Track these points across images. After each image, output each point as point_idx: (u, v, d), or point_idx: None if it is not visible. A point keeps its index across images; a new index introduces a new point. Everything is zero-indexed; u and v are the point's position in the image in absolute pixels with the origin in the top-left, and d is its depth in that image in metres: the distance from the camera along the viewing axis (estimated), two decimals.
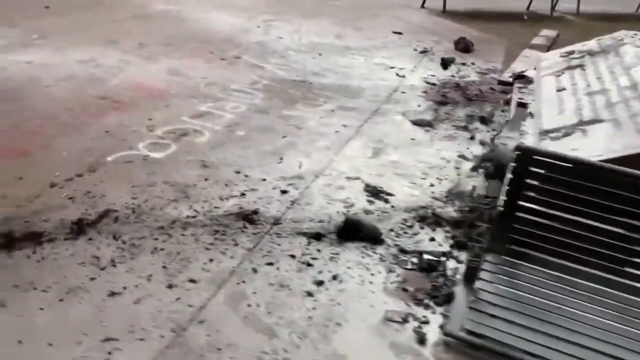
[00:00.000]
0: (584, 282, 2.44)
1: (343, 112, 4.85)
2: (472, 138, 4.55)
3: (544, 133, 3.55)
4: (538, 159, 2.36)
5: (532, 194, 2.40)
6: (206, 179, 3.52)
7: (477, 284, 2.51)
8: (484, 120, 4.90)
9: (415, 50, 7.08)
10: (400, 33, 7.90)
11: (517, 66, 6.71)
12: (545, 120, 3.78)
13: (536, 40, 8.28)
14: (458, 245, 3.04)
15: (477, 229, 2.36)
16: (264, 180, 3.58)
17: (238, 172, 3.65)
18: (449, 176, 3.85)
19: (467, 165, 4.03)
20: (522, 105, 2.79)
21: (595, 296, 2.42)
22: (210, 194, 3.35)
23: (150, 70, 5.37)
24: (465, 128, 4.73)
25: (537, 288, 2.47)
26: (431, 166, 3.98)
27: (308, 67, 6.02)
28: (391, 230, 3.15)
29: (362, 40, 7.32)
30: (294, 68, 5.93)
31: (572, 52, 5.07)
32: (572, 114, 3.69)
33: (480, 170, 3.96)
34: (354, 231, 3.06)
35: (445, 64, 6.52)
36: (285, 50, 6.54)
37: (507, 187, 2.48)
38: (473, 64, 6.72)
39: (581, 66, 4.62)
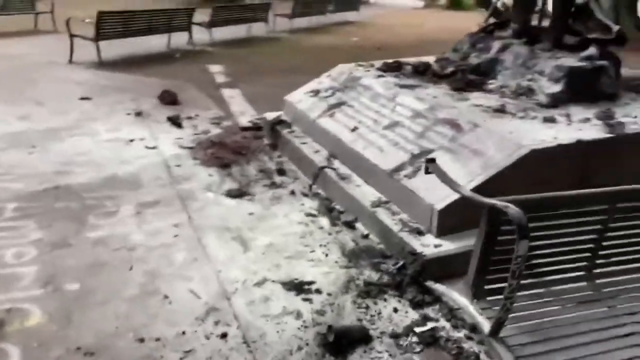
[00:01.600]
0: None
1: (150, 210, 4.08)
2: (292, 193, 4.55)
3: (395, 172, 3.89)
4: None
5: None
6: None
7: (501, 333, 2.68)
8: (282, 172, 4.94)
9: (129, 114, 6.40)
10: (89, 98, 6.96)
11: (237, 109, 6.93)
12: (377, 160, 4.12)
13: (219, 79, 8.64)
14: (419, 304, 3.13)
15: (508, 287, 2.50)
16: (184, 333, 2.78)
17: (142, 340, 2.71)
18: (327, 240, 3.80)
19: (326, 222, 4.05)
20: (431, 160, 3.01)
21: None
22: None
23: None
24: (274, 185, 4.69)
25: (541, 310, 2.81)
26: (301, 236, 3.83)
27: (40, 167, 4.73)
28: (359, 320, 2.98)
29: (60, 117, 6.15)
30: (25, 174, 4.57)
31: (317, 92, 5.55)
32: (396, 150, 4.13)
33: (341, 223, 4.07)
34: (342, 340, 2.76)
35: (177, 123, 6.16)
36: None
37: (484, 238, 2.71)
38: (197, 115, 6.53)
39: (344, 103, 5.13)
